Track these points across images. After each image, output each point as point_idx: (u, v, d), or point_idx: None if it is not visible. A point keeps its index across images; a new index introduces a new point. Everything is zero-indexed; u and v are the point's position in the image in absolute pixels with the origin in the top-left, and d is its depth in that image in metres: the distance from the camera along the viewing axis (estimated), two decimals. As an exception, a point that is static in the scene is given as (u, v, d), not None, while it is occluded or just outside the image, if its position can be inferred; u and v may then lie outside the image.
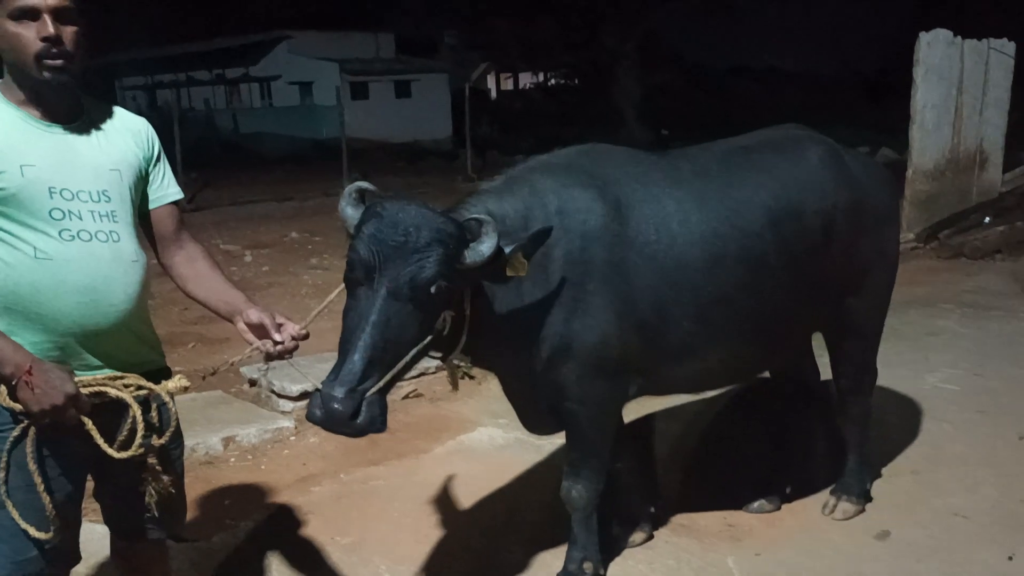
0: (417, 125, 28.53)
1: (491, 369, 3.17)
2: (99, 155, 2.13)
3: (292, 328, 2.27)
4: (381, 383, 2.32)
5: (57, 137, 2.07)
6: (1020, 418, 4.57)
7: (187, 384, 2.21)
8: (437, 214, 2.47)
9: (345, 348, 2.34)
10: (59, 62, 2.00)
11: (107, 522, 2.39)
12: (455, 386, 3.15)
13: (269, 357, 2.28)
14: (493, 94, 42.29)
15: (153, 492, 2.23)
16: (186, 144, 14.62)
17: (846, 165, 3.34)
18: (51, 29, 1.97)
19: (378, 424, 2.31)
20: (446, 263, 2.39)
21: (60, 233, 2.02)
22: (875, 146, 15.57)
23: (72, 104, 2.13)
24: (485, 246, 2.45)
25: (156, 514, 2.27)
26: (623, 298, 2.83)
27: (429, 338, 2.44)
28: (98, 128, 2.16)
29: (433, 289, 2.37)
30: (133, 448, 2.08)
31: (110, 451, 2.05)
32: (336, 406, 2.25)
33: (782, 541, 3.48)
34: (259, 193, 15.56)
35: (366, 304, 2.35)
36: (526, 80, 45.13)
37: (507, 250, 2.50)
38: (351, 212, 2.56)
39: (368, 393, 2.29)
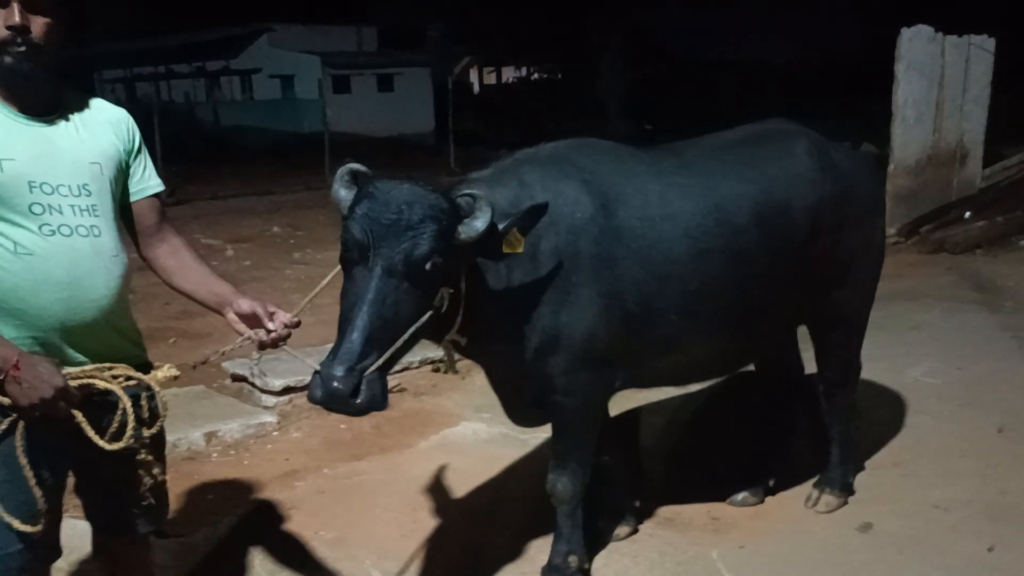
0: (400, 119, 28.43)
1: (479, 361, 3.16)
2: (79, 148, 2.10)
3: (284, 316, 2.26)
4: (380, 361, 2.31)
5: (36, 130, 2.04)
6: (1000, 411, 4.61)
7: (177, 373, 2.18)
8: (430, 191, 2.47)
9: (343, 328, 2.33)
10: (22, 50, 1.95)
11: (89, 518, 2.36)
12: (452, 367, 3.14)
13: (262, 346, 2.27)
14: (476, 88, 42.22)
15: (145, 483, 2.20)
16: (166, 137, 14.49)
17: (832, 158, 3.35)
18: (17, 18, 1.93)
19: (379, 402, 2.30)
20: (440, 239, 2.38)
21: (40, 228, 1.99)
22: (857, 140, 15.66)
23: (51, 96, 2.10)
24: (479, 221, 2.44)
25: (153, 501, 2.25)
26: (610, 291, 2.83)
27: (428, 315, 2.42)
28: (78, 120, 2.13)
29: (428, 265, 2.36)
30: (124, 440, 2.06)
31: (101, 443, 2.02)
32: (336, 384, 2.24)
33: (766, 534, 3.50)
34: (240, 187, 15.48)
35: (362, 283, 2.34)
36: (509, 74, 45.07)
37: (501, 226, 2.50)
38: (344, 194, 2.54)
39: (367, 372, 2.27)
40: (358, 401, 2.27)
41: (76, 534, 2.67)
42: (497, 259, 2.61)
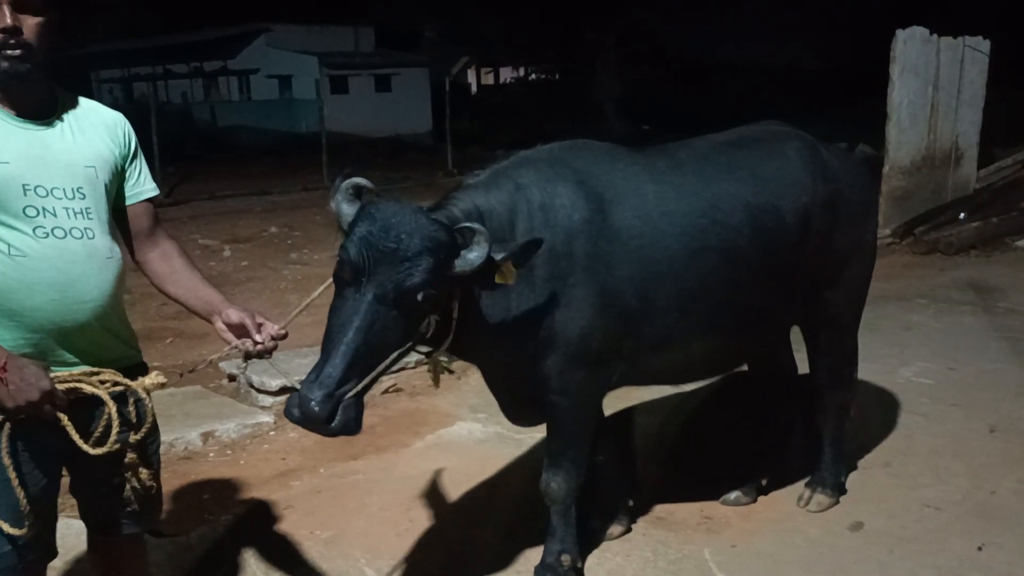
0: (397, 119, 28.41)
1: (475, 362, 3.18)
2: (74, 151, 2.11)
3: (272, 328, 2.28)
4: (359, 387, 2.33)
5: (31, 133, 2.05)
6: (991, 411, 4.65)
7: (164, 380, 2.20)
8: (430, 220, 2.48)
9: (328, 349, 2.35)
10: (16, 52, 1.96)
11: (83, 517, 2.37)
12: (437, 383, 3.17)
13: (248, 356, 2.28)
14: (473, 88, 42.22)
15: (131, 487, 2.22)
16: (163, 138, 14.49)
17: (824, 160, 3.38)
18: (8, 20, 1.93)
19: (352, 427, 2.33)
20: (435, 271, 2.40)
21: (34, 230, 2.00)
22: (853, 141, 15.68)
23: (46, 100, 2.11)
24: (475, 255, 2.46)
25: (137, 507, 2.27)
26: (605, 291, 2.85)
27: (410, 343, 2.45)
28: (73, 124, 2.14)
29: (420, 297, 2.38)
30: (108, 444, 2.07)
31: (85, 447, 2.04)
32: (313, 408, 2.26)
33: (758, 533, 3.53)
34: (238, 187, 15.46)
35: (352, 307, 2.36)
36: (506, 74, 45.10)
37: (497, 257, 2.51)
38: (346, 208, 2.55)
39: (345, 398, 2.30)
40: (332, 426, 2.29)
41: (72, 533, 2.70)
42: (489, 289, 2.62)
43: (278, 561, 3.37)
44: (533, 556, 3.26)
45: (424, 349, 2.71)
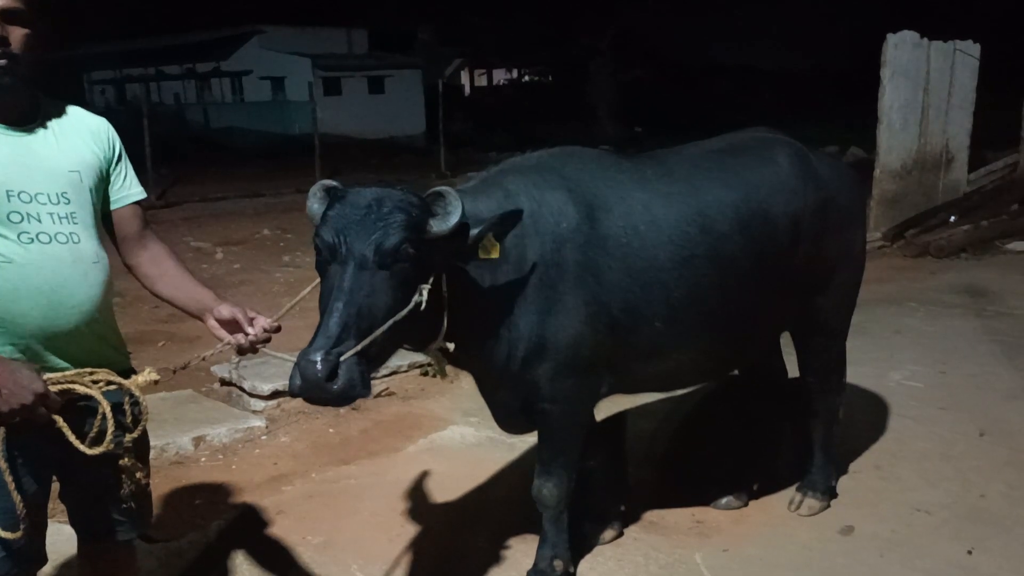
0: (390, 121, 28.44)
1: (467, 368, 3.18)
2: (58, 157, 2.11)
3: (264, 321, 2.29)
4: (358, 347, 2.28)
5: (13, 139, 2.05)
6: (981, 415, 4.67)
7: (157, 377, 2.19)
8: (397, 189, 2.52)
9: (320, 321, 2.34)
10: (2, 63, 1.97)
11: (73, 524, 2.37)
12: (443, 374, 3.16)
13: (241, 351, 2.29)
14: (467, 90, 42.25)
15: (127, 488, 2.22)
16: (155, 139, 14.43)
17: (814, 167, 3.39)
18: None
19: (359, 388, 2.27)
20: (410, 229, 2.41)
21: (19, 236, 2.01)
22: (845, 144, 15.77)
23: (29, 106, 2.11)
24: (452, 216, 2.47)
25: (133, 506, 2.27)
26: (595, 299, 2.86)
27: (407, 310, 2.40)
28: (56, 129, 2.14)
29: (399, 252, 2.38)
30: (104, 444, 2.07)
31: (82, 448, 2.03)
32: (311, 370, 2.22)
33: (749, 537, 3.54)
34: (230, 189, 15.44)
35: (337, 279, 2.36)
36: (500, 76, 45.14)
37: (476, 231, 2.53)
38: (318, 207, 2.59)
39: (344, 357, 2.25)
40: (335, 386, 2.24)
41: (61, 539, 2.68)
42: (473, 262, 2.63)
43: (270, 566, 3.37)
44: (525, 561, 3.26)
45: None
